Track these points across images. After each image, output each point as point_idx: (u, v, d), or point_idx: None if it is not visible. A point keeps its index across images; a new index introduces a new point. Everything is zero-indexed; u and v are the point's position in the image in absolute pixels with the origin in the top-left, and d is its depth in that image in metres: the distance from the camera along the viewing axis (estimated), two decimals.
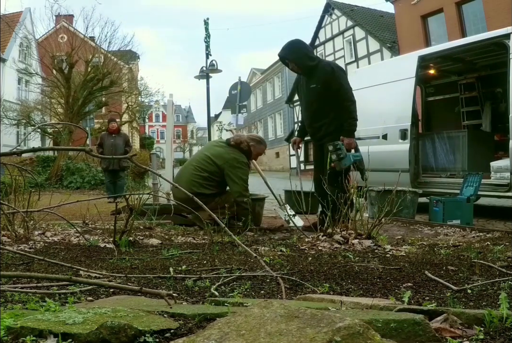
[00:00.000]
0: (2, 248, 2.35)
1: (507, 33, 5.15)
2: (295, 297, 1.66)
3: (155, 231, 3.58)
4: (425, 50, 6.94)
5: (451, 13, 15.47)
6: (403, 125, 6.12)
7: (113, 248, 2.74)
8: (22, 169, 3.38)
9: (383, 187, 4.43)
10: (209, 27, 14.56)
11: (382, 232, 3.47)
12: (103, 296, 1.66)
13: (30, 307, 1.36)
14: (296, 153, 4.66)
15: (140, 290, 1.50)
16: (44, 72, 19.16)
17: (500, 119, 6.54)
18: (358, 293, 1.71)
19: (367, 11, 21.62)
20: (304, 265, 2.25)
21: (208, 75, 13.87)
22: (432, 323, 1.14)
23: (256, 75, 37.62)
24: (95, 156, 7.49)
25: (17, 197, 3.28)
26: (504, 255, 2.46)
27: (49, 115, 18.64)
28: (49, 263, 2.06)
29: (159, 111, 63.22)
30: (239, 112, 11.00)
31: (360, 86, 7.00)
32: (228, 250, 2.78)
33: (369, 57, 19.47)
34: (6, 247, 2.46)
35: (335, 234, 2.97)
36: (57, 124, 16.29)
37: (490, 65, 6.93)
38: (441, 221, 4.73)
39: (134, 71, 25.54)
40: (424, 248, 2.88)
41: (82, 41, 14.76)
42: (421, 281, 1.89)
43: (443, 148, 6.96)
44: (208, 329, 0.94)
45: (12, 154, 2.93)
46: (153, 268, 2.18)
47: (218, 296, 1.65)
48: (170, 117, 6.39)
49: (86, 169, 11.97)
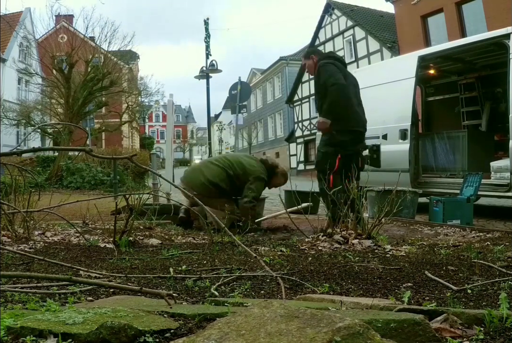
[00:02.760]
0: (2, 248, 2.35)
1: (507, 33, 5.15)
2: (295, 297, 1.66)
3: (155, 231, 3.58)
4: (425, 50, 6.94)
5: (451, 13, 15.46)
6: (403, 125, 6.11)
7: (113, 248, 2.74)
8: (22, 169, 3.38)
9: (383, 187, 4.43)
10: (209, 27, 14.57)
11: (382, 232, 3.47)
12: (103, 296, 1.66)
13: (30, 307, 1.36)
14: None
15: (140, 290, 1.50)
16: (44, 72, 19.14)
17: (500, 119, 6.54)
18: (358, 293, 1.71)
19: (367, 11, 21.63)
20: (304, 265, 2.25)
21: (208, 75, 13.87)
22: (432, 323, 1.14)
23: (256, 75, 37.60)
24: (95, 156, 7.49)
25: (17, 197, 3.28)
26: (504, 255, 2.46)
27: (49, 115, 18.62)
28: (49, 263, 2.06)
29: (159, 111, 63.27)
30: (239, 112, 11.00)
31: (360, 86, 6.99)
32: (228, 250, 2.78)
33: (369, 57, 19.47)
34: (6, 247, 2.46)
35: (335, 234, 2.97)
36: (57, 124, 16.28)
37: (490, 65, 6.93)
38: (441, 221, 4.73)
39: (134, 71, 25.53)
40: (424, 248, 2.88)
41: (82, 41, 14.74)
42: (421, 281, 1.89)
43: (443, 148, 6.95)
44: (208, 329, 0.94)
45: (12, 154, 2.93)
46: (153, 268, 2.18)
47: (218, 296, 1.65)
48: (170, 117, 6.39)
49: (86, 169, 11.94)
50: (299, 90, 25.85)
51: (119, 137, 27.80)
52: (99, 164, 12.53)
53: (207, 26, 14.59)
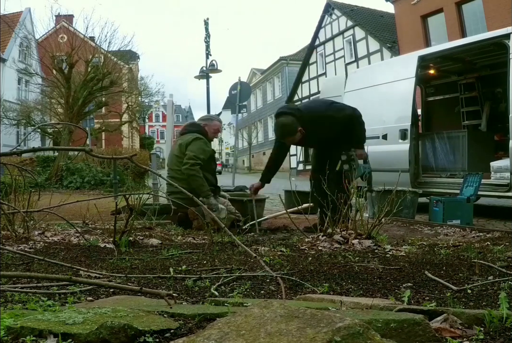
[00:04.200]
0: (2, 248, 2.35)
1: (507, 33, 5.15)
2: (295, 297, 1.66)
3: (155, 231, 3.58)
4: (425, 50, 6.95)
5: (451, 13, 15.47)
6: (403, 125, 6.11)
7: (113, 248, 2.74)
8: (22, 169, 3.38)
9: (383, 187, 4.43)
10: (209, 27, 14.56)
11: (382, 232, 3.46)
12: (103, 296, 1.66)
13: (30, 307, 1.36)
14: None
15: (140, 290, 1.50)
16: (44, 72, 19.14)
17: (500, 119, 6.54)
18: (358, 293, 1.71)
19: (367, 11, 21.63)
20: (304, 265, 2.25)
21: (208, 75, 13.87)
22: (432, 323, 1.14)
23: (256, 75, 37.63)
24: (95, 156, 7.49)
25: (17, 197, 3.28)
26: (504, 255, 2.46)
27: (49, 115, 18.63)
28: (49, 263, 2.06)
29: (159, 111, 63.23)
30: (239, 112, 11.00)
31: (360, 86, 7.02)
32: (228, 250, 2.78)
33: (369, 57, 19.47)
34: (6, 247, 2.46)
35: (335, 234, 2.97)
36: (57, 124, 16.29)
37: (490, 65, 6.93)
38: (441, 221, 4.73)
39: (134, 71, 25.53)
40: (424, 248, 2.88)
41: (82, 41, 14.74)
42: (421, 281, 1.89)
43: (443, 148, 6.95)
44: (208, 329, 0.94)
45: (12, 154, 2.93)
46: (153, 268, 2.18)
47: (218, 296, 1.65)
48: (170, 117, 6.39)
49: (86, 169, 11.94)
50: (299, 90, 25.83)
51: (119, 137, 27.82)
52: (99, 165, 12.52)
53: (207, 26, 14.58)
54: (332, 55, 22.33)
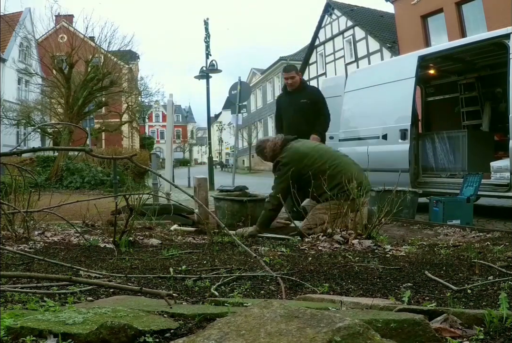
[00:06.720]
0: (2, 248, 2.35)
1: (507, 33, 5.15)
2: (295, 297, 1.66)
3: (155, 231, 3.58)
4: (425, 50, 6.93)
5: (451, 13, 15.46)
6: (403, 125, 6.11)
7: (113, 248, 2.74)
8: (22, 169, 3.38)
9: (383, 187, 4.43)
10: (209, 27, 14.56)
11: (382, 232, 3.47)
12: (103, 296, 1.66)
13: (30, 307, 1.36)
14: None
15: (140, 290, 1.50)
16: (44, 72, 19.13)
17: (500, 119, 6.54)
18: (358, 293, 1.71)
19: (367, 11, 21.62)
20: (304, 265, 2.25)
21: (208, 75, 13.86)
22: (432, 323, 1.14)
23: (256, 75, 37.60)
24: (95, 156, 7.50)
25: (17, 197, 3.28)
26: (504, 255, 2.46)
27: (49, 115, 18.61)
28: (49, 263, 2.06)
29: (159, 111, 63.23)
30: (239, 112, 10.99)
31: (360, 86, 7.01)
32: (228, 250, 2.78)
33: (369, 57, 19.46)
34: (6, 247, 2.46)
35: (335, 234, 2.97)
36: (57, 124, 16.28)
37: (490, 65, 6.93)
38: (441, 221, 4.72)
39: (134, 71, 25.51)
40: (424, 248, 2.88)
41: (82, 41, 14.72)
42: (421, 281, 1.89)
43: (443, 148, 6.95)
44: (208, 329, 0.94)
45: (12, 154, 2.93)
46: (153, 268, 2.18)
47: (218, 296, 1.65)
48: (170, 117, 6.38)
49: (86, 169, 11.93)
50: None
51: (119, 137, 27.79)
52: (99, 165, 12.52)
53: (207, 26, 14.57)
54: (332, 55, 22.33)
